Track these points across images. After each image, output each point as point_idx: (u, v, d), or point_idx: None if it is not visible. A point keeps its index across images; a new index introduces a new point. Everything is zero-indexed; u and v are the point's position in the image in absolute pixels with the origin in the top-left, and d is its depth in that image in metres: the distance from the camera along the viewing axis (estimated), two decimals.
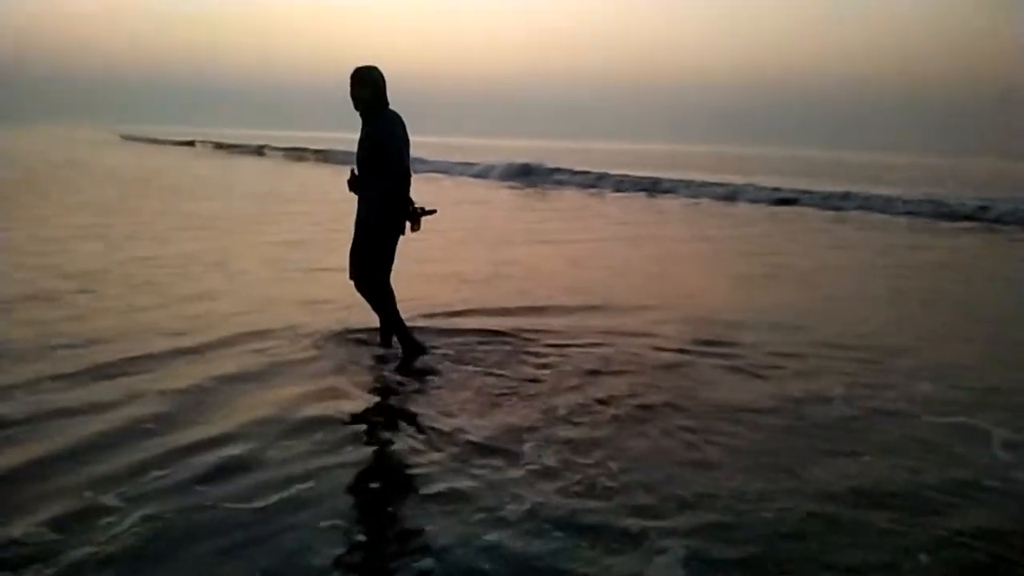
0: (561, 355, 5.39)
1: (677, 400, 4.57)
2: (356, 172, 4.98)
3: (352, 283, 5.14)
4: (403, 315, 5.30)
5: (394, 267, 5.18)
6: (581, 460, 3.67)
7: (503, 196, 21.74)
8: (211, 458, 3.53)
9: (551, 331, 6.02)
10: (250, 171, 30.67)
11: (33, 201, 14.10)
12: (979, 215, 17.44)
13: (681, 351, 5.63)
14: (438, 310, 6.45)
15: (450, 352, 5.34)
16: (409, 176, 4.94)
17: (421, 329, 5.78)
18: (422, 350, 5.23)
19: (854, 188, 22.34)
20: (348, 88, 4.89)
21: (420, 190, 5.21)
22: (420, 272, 7.83)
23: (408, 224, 4.98)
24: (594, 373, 5.01)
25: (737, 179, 25.50)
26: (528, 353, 5.42)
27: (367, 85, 4.84)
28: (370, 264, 5.01)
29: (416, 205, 4.95)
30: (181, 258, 8.83)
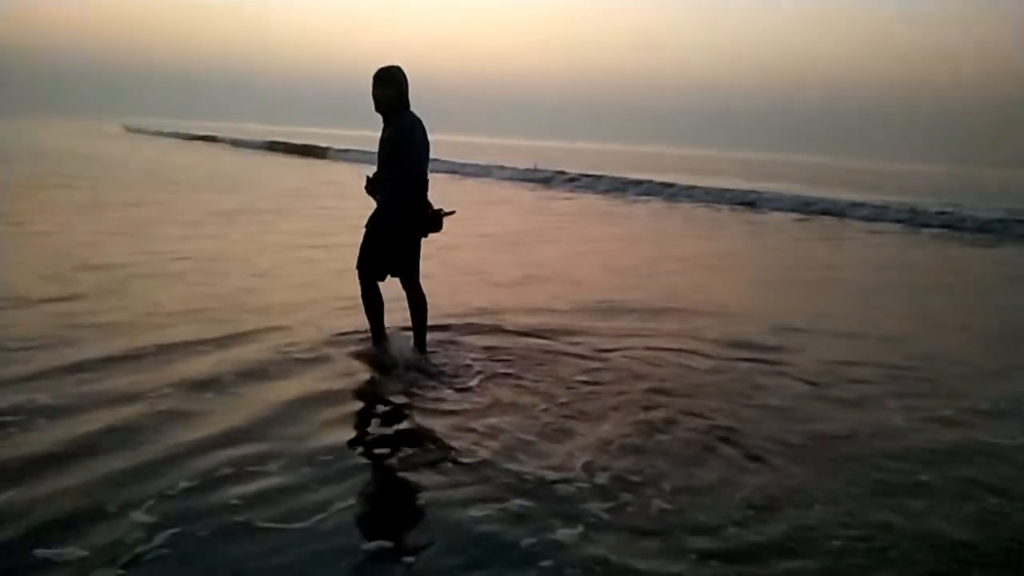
0: (602, 363, 5.12)
1: (732, 415, 4.28)
2: (371, 176, 4.87)
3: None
4: (432, 316, 5.18)
5: (423, 271, 5.05)
6: (631, 487, 3.36)
7: (523, 198, 21.47)
8: (226, 458, 3.39)
9: (588, 335, 5.83)
10: (268, 167, 30.42)
11: (57, 196, 13.89)
12: (995, 227, 16.95)
13: (733, 359, 5.42)
14: (468, 314, 6.21)
15: (480, 359, 5.07)
16: (426, 180, 4.87)
17: (450, 327, 5.67)
18: (391, 364, 4.92)
19: (879, 198, 22.06)
20: (364, 87, 4.81)
21: (437, 189, 5.06)
22: (447, 274, 7.66)
23: (429, 227, 4.91)
24: (639, 384, 4.72)
25: (756, 185, 25.24)
26: (566, 357, 5.20)
27: (390, 85, 4.74)
28: (377, 257, 4.88)
29: (435, 208, 4.87)
30: (209, 253, 8.64)
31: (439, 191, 5.18)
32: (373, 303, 5.03)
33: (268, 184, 20.91)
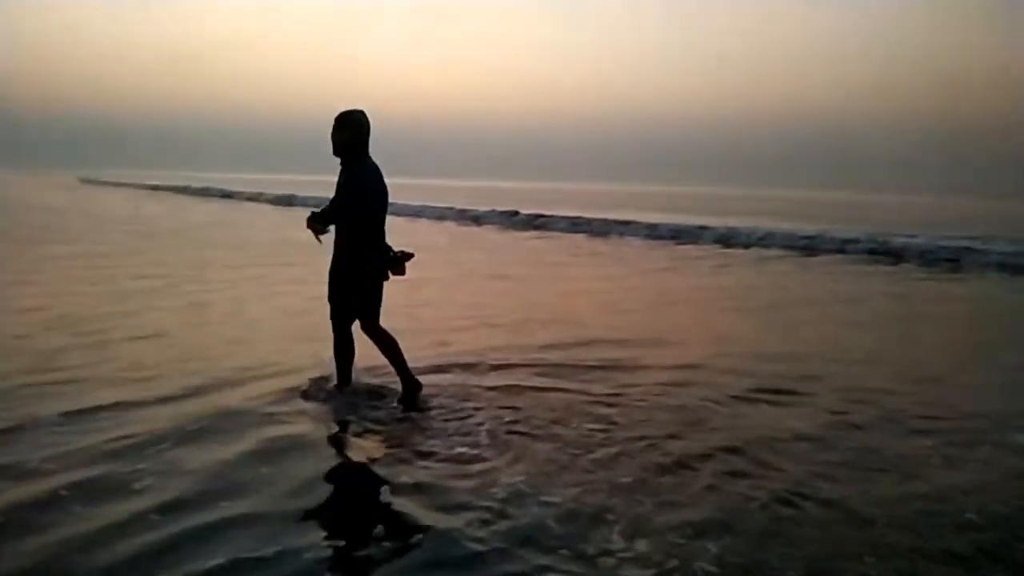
0: (615, 407, 4.85)
1: (766, 453, 4.10)
2: (315, 212, 4.75)
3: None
4: (434, 357, 5.51)
5: (404, 312, 4.95)
6: (674, 550, 3.05)
7: (494, 238, 21.19)
8: (201, 522, 3.17)
9: (595, 372, 5.66)
10: (230, 214, 29.90)
11: (30, 250, 13.43)
12: (964, 256, 16.79)
13: (749, 391, 5.30)
14: (467, 355, 6.01)
15: (486, 407, 4.74)
16: (381, 227, 4.78)
17: (451, 368, 5.56)
18: (342, 412, 4.73)
19: (850, 229, 22.13)
20: (322, 130, 4.77)
21: (413, 232, 4.86)
22: (443, 316, 7.59)
23: (390, 271, 4.83)
24: (661, 429, 4.45)
25: (727, 221, 25.26)
26: (577, 399, 4.96)
27: (349, 130, 4.67)
28: (341, 300, 4.83)
29: (396, 251, 4.79)
30: (193, 307, 8.28)
31: (408, 234, 4.98)
32: (342, 348, 4.95)
33: (236, 231, 20.46)
